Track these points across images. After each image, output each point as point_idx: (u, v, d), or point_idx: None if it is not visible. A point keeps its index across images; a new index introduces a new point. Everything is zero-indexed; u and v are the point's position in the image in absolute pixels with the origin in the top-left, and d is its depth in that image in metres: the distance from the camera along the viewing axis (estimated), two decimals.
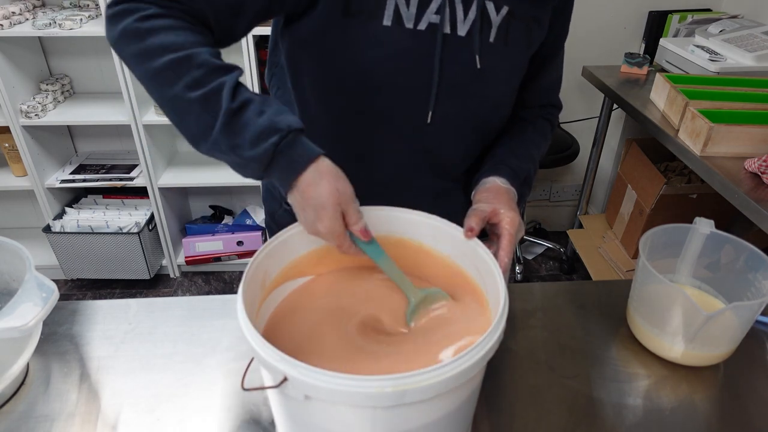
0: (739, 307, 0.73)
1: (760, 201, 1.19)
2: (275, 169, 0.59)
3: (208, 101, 0.57)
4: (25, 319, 0.64)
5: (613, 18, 2.23)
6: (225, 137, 0.57)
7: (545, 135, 0.90)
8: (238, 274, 2.41)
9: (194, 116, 0.58)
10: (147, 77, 0.59)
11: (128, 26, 0.58)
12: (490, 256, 0.65)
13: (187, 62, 0.58)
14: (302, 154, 0.60)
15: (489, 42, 0.73)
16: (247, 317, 0.53)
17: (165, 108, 0.60)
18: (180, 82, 0.57)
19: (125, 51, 0.60)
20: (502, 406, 0.72)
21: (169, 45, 0.58)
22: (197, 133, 0.59)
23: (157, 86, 0.59)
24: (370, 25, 0.69)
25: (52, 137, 2.18)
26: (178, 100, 0.58)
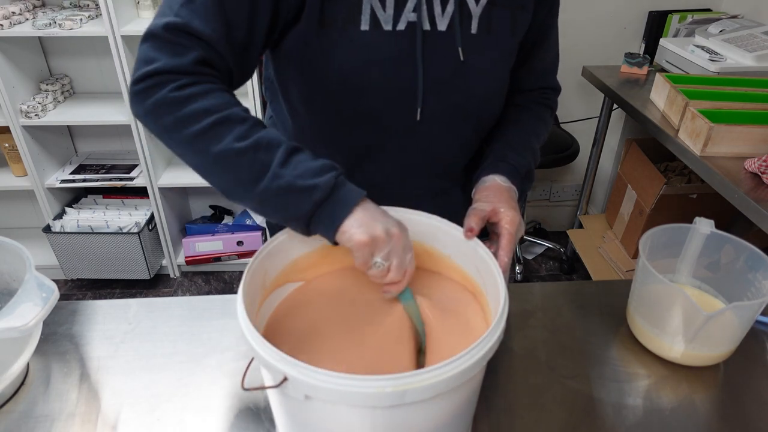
0: (739, 307, 0.73)
1: (760, 201, 1.19)
2: (332, 201, 0.60)
3: (260, 146, 0.60)
4: (25, 319, 0.64)
5: (613, 18, 2.23)
6: (284, 169, 0.59)
7: (545, 120, 0.89)
8: (238, 274, 2.41)
9: (247, 162, 0.59)
10: (188, 140, 0.60)
11: (164, 97, 0.60)
12: (490, 256, 0.65)
13: (229, 120, 0.60)
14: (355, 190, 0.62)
15: (471, 33, 0.73)
16: (247, 317, 0.53)
17: (212, 165, 0.61)
18: (227, 137, 0.59)
19: (161, 121, 0.61)
20: (502, 406, 0.72)
21: (209, 108, 0.60)
22: (251, 176, 0.59)
23: (201, 146, 0.60)
24: (347, 31, 0.69)
25: (52, 137, 2.18)
26: (228, 152, 0.59)
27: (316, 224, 0.60)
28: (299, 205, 0.59)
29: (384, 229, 0.60)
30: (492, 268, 0.63)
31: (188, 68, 0.61)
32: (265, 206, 0.60)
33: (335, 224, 0.59)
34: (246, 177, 0.59)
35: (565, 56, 0.91)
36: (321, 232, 0.61)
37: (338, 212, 0.59)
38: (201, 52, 0.62)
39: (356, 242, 0.59)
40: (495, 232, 0.72)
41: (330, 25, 0.69)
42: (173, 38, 0.61)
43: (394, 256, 0.61)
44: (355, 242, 0.59)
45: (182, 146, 0.61)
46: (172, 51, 0.61)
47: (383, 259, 0.60)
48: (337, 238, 0.60)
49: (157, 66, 0.60)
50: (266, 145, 0.60)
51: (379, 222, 0.60)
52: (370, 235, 0.59)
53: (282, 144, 0.61)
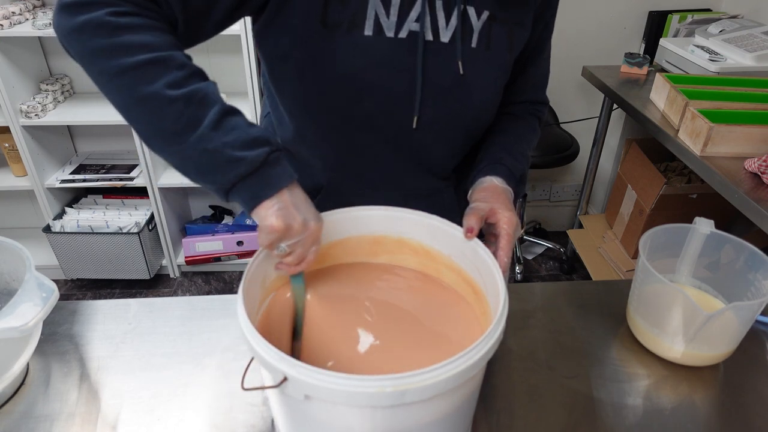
0: (739, 307, 0.73)
1: (760, 201, 1.19)
2: (258, 177, 0.57)
3: (193, 100, 0.56)
4: (25, 319, 0.64)
5: (613, 18, 2.23)
6: (215, 132, 0.55)
7: (535, 131, 0.91)
8: (238, 274, 2.41)
9: (174, 113, 0.55)
10: (115, 73, 0.55)
11: (97, 18, 0.55)
12: (490, 256, 0.65)
13: (166, 62, 0.56)
14: (286, 172, 0.60)
15: (471, 47, 0.74)
16: (247, 317, 0.53)
17: (135, 105, 0.56)
18: (160, 81, 0.55)
19: (89, 43, 0.55)
20: (502, 406, 0.72)
21: (146, 44, 0.56)
22: (176, 129, 0.55)
23: (128, 83, 0.55)
24: (351, 35, 0.69)
25: (52, 137, 2.18)
26: (156, 97, 0.55)
27: (235, 194, 0.58)
28: (222, 174, 0.56)
29: (302, 221, 0.59)
30: (492, 268, 0.63)
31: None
32: (186, 164, 0.57)
33: (254, 201, 0.57)
34: (170, 129, 0.55)
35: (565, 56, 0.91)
36: (240, 203, 0.59)
37: (260, 191, 0.57)
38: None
39: (269, 225, 0.57)
40: (493, 233, 0.72)
41: (334, 27, 0.68)
42: None
43: (300, 247, 0.60)
44: (268, 225, 0.57)
45: (106, 77, 0.56)
46: None
47: (288, 246, 0.59)
48: (252, 214, 0.59)
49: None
50: (200, 99, 0.56)
51: (300, 212, 0.59)
52: (287, 223, 0.58)
53: (217, 102, 0.57)
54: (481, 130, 0.85)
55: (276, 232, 0.57)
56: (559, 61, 2.29)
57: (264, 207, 0.57)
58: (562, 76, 2.33)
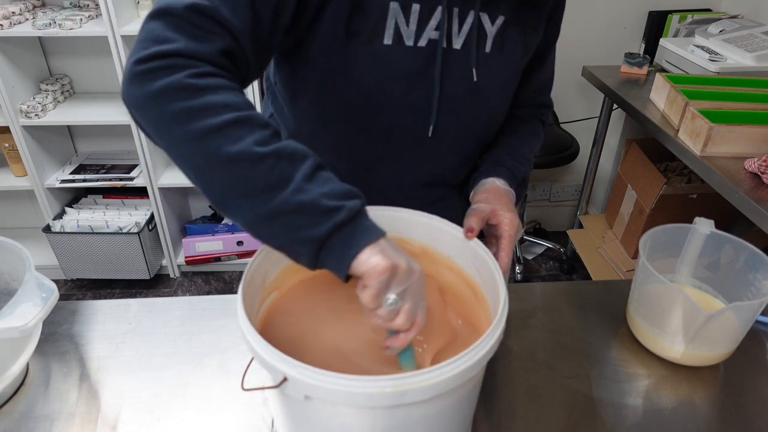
0: (739, 307, 0.73)
1: (759, 201, 1.19)
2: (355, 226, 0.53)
3: (283, 155, 0.53)
4: (25, 319, 0.64)
5: (613, 18, 2.23)
6: (310, 184, 0.52)
7: (538, 134, 0.91)
8: (238, 274, 2.41)
9: (265, 169, 0.51)
10: (199, 134, 0.52)
11: (177, 81, 0.52)
12: (490, 257, 0.65)
13: (250, 121, 0.53)
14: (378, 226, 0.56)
15: (485, 53, 0.73)
16: (247, 317, 0.53)
17: (221, 166, 0.52)
18: (248, 139, 0.52)
19: (167, 108, 0.52)
20: (502, 406, 0.72)
21: (230, 104, 0.53)
22: (268, 185, 0.51)
23: (213, 144, 0.52)
24: (371, 44, 0.68)
25: (52, 137, 2.18)
26: (245, 155, 0.51)
27: (329, 249, 0.52)
28: (317, 225, 0.51)
29: (407, 262, 0.54)
30: (492, 269, 0.63)
31: (211, 56, 0.54)
32: (274, 222, 0.52)
33: (354, 250, 0.52)
34: (261, 186, 0.51)
35: (565, 56, 0.92)
36: (333, 259, 0.53)
37: (359, 238, 0.53)
38: (226, 42, 0.55)
39: (373, 266, 0.51)
40: (494, 234, 0.72)
41: (355, 36, 0.67)
42: (197, 21, 0.54)
43: (410, 297, 0.54)
44: (372, 266, 0.51)
45: (186, 141, 0.52)
46: (194, 34, 0.54)
47: (398, 296, 0.53)
48: (353, 266, 0.52)
49: (174, 47, 0.52)
50: (290, 154, 0.53)
51: (402, 256, 0.54)
52: (393, 263, 0.52)
53: (308, 157, 0.54)
54: (491, 135, 0.85)
55: (384, 274, 0.51)
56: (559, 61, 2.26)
57: (365, 253, 0.52)
58: (562, 76, 2.33)
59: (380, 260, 0.52)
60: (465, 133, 0.79)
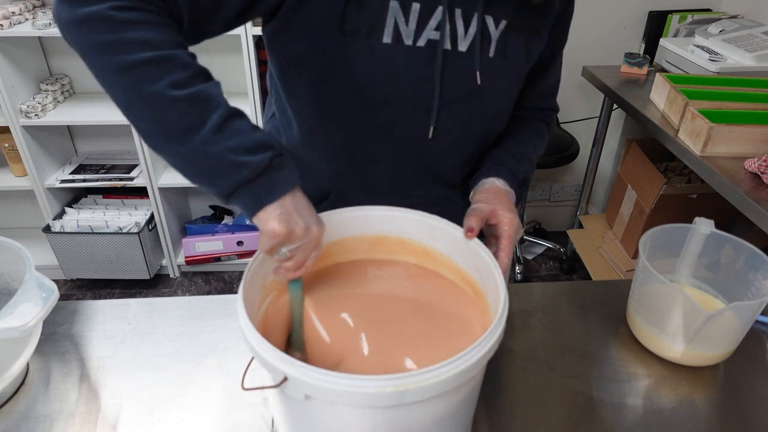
0: (739, 307, 0.73)
1: (759, 201, 1.19)
2: (260, 182, 0.56)
3: (197, 101, 0.55)
4: (25, 319, 0.64)
5: (613, 18, 2.23)
6: (218, 135, 0.55)
7: (543, 136, 0.91)
8: (238, 274, 2.41)
9: (177, 114, 0.54)
10: (116, 70, 0.54)
11: (99, 12, 0.53)
12: (490, 256, 0.65)
13: (170, 61, 0.55)
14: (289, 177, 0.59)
15: (489, 57, 0.73)
16: (247, 317, 0.53)
17: (137, 103, 0.55)
18: (163, 80, 0.54)
19: (89, 37, 0.54)
20: (502, 406, 0.72)
21: (149, 41, 0.54)
22: (177, 129, 0.54)
23: (130, 81, 0.54)
24: (369, 42, 0.67)
25: (52, 137, 2.18)
26: (159, 97, 0.53)
27: (236, 199, 0.57)
28: (224, 178, 0.55)
29: (304, 226, 0.58)
30: (492, 268, 0.63)
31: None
32: (187, 166, 0.56)
33: (256, 207, 0.57)
34: (173, 129, 0.54)
35: (565, 56, 0.91)
36: (240, 208, 0.58)
37: (263, 196, 0.57)
38: None
39: (270, 230, 0.56)
40: (494, 234, 0.72)
41: (352, 34, 0.67)
42: None
43: (300, 252, 0.59)
44: (270, 229, 0.56)
45: (107, 73, 0.54)
46: None
47: (289, 251, 0.59)
48: (254, 219, 0.57)
49: None
50: (204, 100, 0.55)
51: (302, 217, 0.58)
52: (289, 228, 0.57)
53: (221, 105, 0.56)
54: (493, 137, 0.85)
55: (278, 237, 0.57)
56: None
57: (266, 212, 0.57)
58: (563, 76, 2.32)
59: (276, 225, 0.56)
60: (466, 135, 0.79)
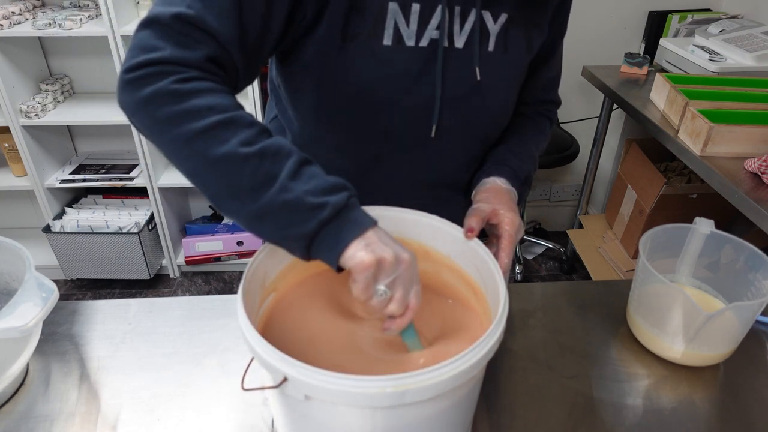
0: (739, 307, 0.73)
1: (759, 201, 1.19)
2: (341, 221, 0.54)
3: (267, 154, 0.54)
4: (25, 319, 0.64)
5: (613, 18, 2.23)
6: (294, 182, 0.54)
7: (545, 132, 0.90)
8: (238, 274, 2.41)
9: (251, 169, 0.53)
10: (186, 138, 0.54)
11: (164, 88, 0.54)
12: (490, 256, 0.65)
13: (235, 122, 0.55)
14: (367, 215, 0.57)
15: (488, 51, 0.73)
16: (247, 317, 0.53)
17: (210, 167, 0.54)
18: (232, 140, 0.53)
19: (156, 114, 0.54)
20: (502, 406, 0.72)
21: (213, 106, 0.54)
22: (253, 185, 0.53)
23: (200, 146, 0.54)
24: (369, 45, 0.67)
25: (52, 137, 2.18)
26: (230, 156, 0.53)
27: (318, 245, 0.54)
28: (303, 223, 0.53)
29: (394, 253, 0.54)
30: (492, 268, 0.63)
31: (196, 63, 0.56)
32: (264, 221, 0.54)
33: (341, 245, 0.54)
34: (247, 186, 0.53)
35: (565, 56, 0.91)
36: (323, 255, 0.55)
37: (346, 233, 0.54)
38: (212, 49, 0.57)
39: (359, 262, 0.53)
40: (495, 233, 0.72)
41: (353, 38, 0.67)
42: (183, 30, 0.56)
43: (399, 286, 0.55)
44: (358, 262, 0.53)
45: (176, 144, 0.54)
46: (180, 42, 0.56)
47: (387, 287, 0.55)
48: (342, 261, 0.54)
49: (161, 54, 0.54)
50: (275, 153, 0.55)
51: (388, 246, 0.55)
52: (377, 257, 0.53)
53: (292, 154, 0.55)
54: (496, 135, 0.84)
55: (369, 269, 0.53)
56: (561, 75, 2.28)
57: (351, 248, 0.54)
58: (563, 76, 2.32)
59: (365, 255, 0.53)
60: (469, 132, 0.79)
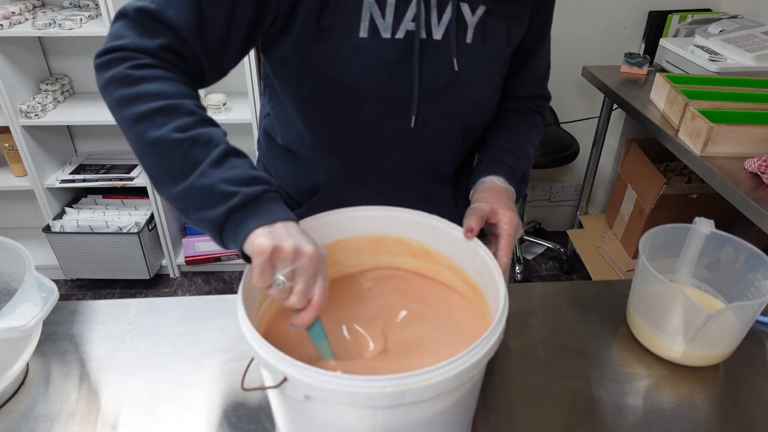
0: (739, 307, 0.73)
1: (760, 201, 1.19)
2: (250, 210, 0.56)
3: (198, 141, 0.58)
4: (25, 319, 0.64)
5: (613, 18, 2.23)
6: (214, 169, 0.57)
7: (537, 127, 0.90)
8: (238, 274, 2.41)
9: (180, 154, 0.57)
10: (132, 119, 0.59)
11: (120, 72, 0.60)
12: (490, 256, 0.65)
13: (176, 109, 0.59)
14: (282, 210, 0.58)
15: (466, 43, 0.73)
16: (247, 317, 0.53)
17: (147, 149, 0.59)
18: (168, 125, 0.58)
19: (114, 95, 0.60)
20: (502, 406, 0.72)
21: (160, 92, 0.59)
22: (179, 170, 0.57)
23: (142, 128, 0.58)
24: (346, 38, 0.69)
25: (52, 137, 2.18)
26: (165, 140, 0.57)
27: (227, 231, 0.56)
28: (214, 208, 0.56)
29: (294, 244, 0.54)
30: (492, 268, 0.63)
31: (152, 51, 0.61)
32: (185, 203, 0.58)
33: (245, 231, 0.55)
34: (175, 169, 0.57)
35: (565, 56, 0.91)
36: (230, 240, 0.57)
37: (252, 220, 0.55)
38: (169, 39, 0.61)
39: (256, 247, 0.53)
40: (494, 233, 0.72)
41: (329, 31, 0.68)
42: (144, 21, 0.61)
43: (300, 278, 0.55)
44: (255, 247, 0.53)
45: (124, 125, 0.60)
46: (141, 32, 0.61)
47: (286, 277, 0.54)
48: (245, 247, 0.55)
49: (122, 42, 0.60)
50: (205, 142, 0.58)
51: (293, 237, 0.55)
52: (275, 244, 0.53)
53: (221, 144, 0.59)
54: (480, 126, 0.85)
55: (263, 254, 0.53)
56: (559, 61, 2.29)
57: (253, 234, 0.55)
58: (562, 76, 2.33)
59: (263, 241, 0.54)
60: (449, 123, 0.79)
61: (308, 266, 0.55)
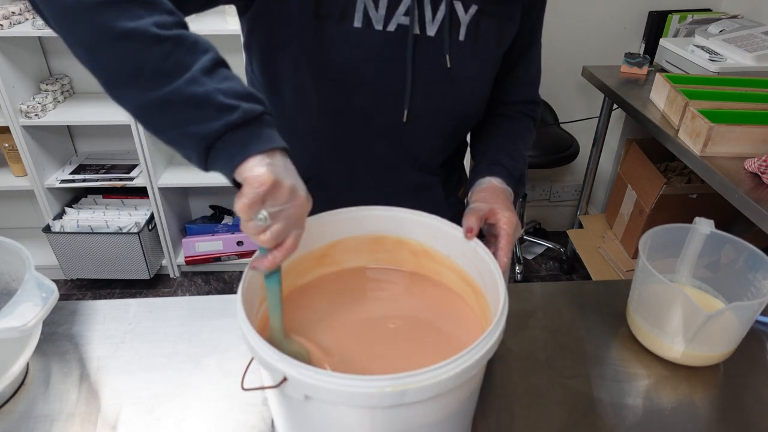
0: (739, 307, 0.73)
1: (760, 201, 1.19)
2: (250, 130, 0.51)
3: (183, 43, 0.50)
4: (25, 319, 0.64)
5: (613, 18, 2.23)
6: (208, 77, 0.50)
7: (531, 131, 0.91)
8: (238, 274, 2.41)
9: (161, 52, 0.49)
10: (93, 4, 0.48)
11: None
12: (489, 256, 0.65)
13: (155, 4, 0.51)
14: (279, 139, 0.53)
15: (459, 41, 0.74)
16: (246, 317, 0.53)
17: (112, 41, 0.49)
18: (147, 18, 0.49)
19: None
20: (502, 406, 0.72)
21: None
22: (161, 69, 0.49)
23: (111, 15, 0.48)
24: (341, 27, 0.70)
25: (52, 137, 2.18)
26: (141, 34, 0.49)
27: (219, 150, 0.50)
28: (208, 122, 0.49)
29: (292, 185, 0.51)
30: (492, 268, 0.63)
31: None
32: (164, 113, 0.50)
33: (243, 155, 0.50)
34: (153, 70, 0.49)
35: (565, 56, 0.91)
36: (220, 162, 0.51)
37: (253, 144, 0.50)
38: None
39: (255, 176, 0.49)
40: (493, 233, 0.72)
41: (325, 18, 0.69)
42: None
43: (282, 219, 0.51)
44: (255, 176, 0.49)
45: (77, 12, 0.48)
46: None
47: (270, 215, 0.50)
48: (237, 172, 0.50)
49: None
50: (192, 45, 0.51)
51: (290, 176, 0.52)
52: (276, 178, 0.50)
53: (210, 51, 0.52)
54: (469, 123, 0.86)
55: (263, 186, 0.49)
56: (559, 61, 2.30)
57: (254, 159, 0.50)
58: (562, 76, 2.33)
59: (264, 171, 0.49)
60: (440, 119, 0.80)
61: (296, 211, 0.53)
